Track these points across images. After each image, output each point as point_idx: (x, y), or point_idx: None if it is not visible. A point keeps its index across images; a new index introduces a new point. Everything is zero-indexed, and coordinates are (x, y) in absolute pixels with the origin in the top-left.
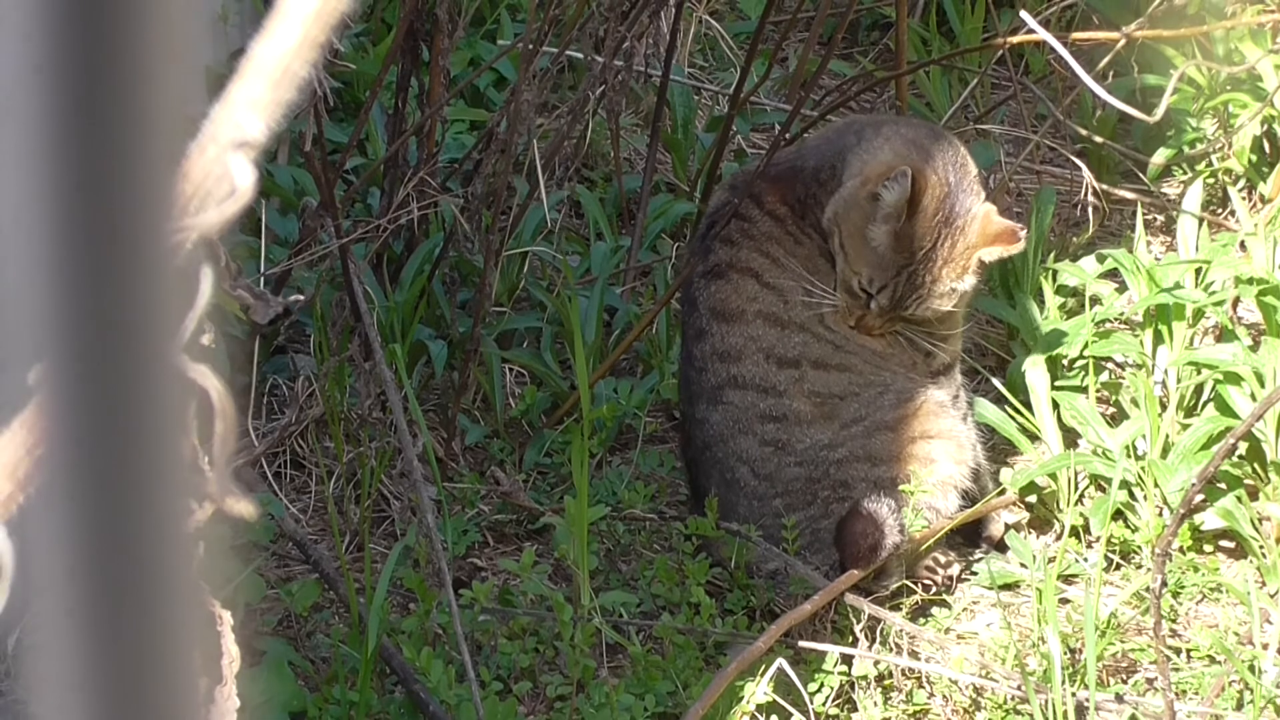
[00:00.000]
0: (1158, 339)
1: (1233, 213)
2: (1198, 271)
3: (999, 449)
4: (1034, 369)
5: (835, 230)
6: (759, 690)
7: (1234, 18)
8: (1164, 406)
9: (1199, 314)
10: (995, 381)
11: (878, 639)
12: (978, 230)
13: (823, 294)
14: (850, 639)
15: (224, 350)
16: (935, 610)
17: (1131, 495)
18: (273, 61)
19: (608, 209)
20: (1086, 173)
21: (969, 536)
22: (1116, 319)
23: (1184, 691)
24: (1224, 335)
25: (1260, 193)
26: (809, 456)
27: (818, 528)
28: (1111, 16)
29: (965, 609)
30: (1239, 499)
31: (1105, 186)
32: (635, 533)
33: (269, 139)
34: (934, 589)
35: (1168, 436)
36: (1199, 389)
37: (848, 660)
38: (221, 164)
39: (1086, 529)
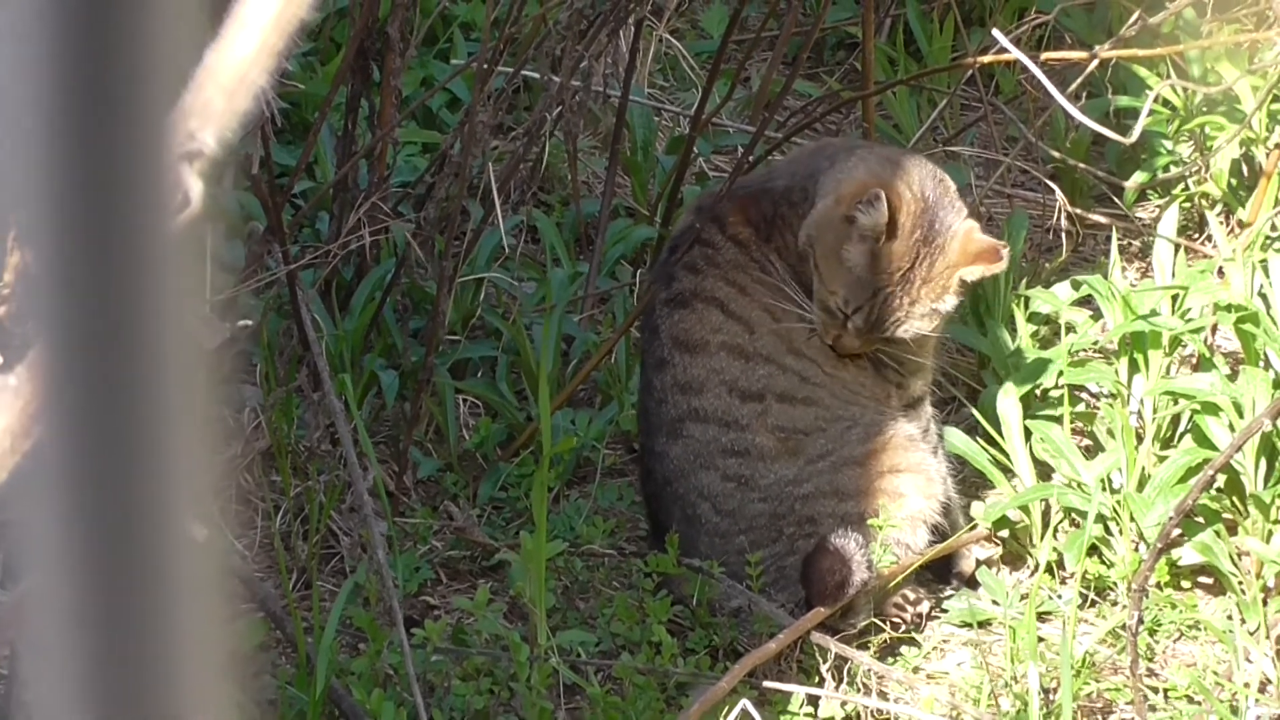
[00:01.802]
0: (1133, 368)
1: (1210, 238)
2: (1174, 298)
3: (970, 482)
4: (1006, 399)
5: (810, 251)
6: None
7: (1210, 37)
8: (1140, 438)
9: (1176, 342)
10: (971, 409)
11: (845, 679)
12: (958, 249)
13: (798, 310)
14: (817, 679)
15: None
16: (904, 649)
17: (1107, 530)
18: (228, 70)
19: (565, 234)
20: (1059, 196)
21: (939, 573)
22: (1091, 347)
23: None
24: (1201, 364)
25: (1238, 217)
26: (773, 492)
27: (783, 565)
28: (1084, 36)
29: (935, 648)
30: (1217, 533)
31: (1079, 210)
32: (594, 569)
33: (221, 153)
34: (903, 627)
35: (1144, 469)
36: (1176, 419)
37: (814, 701)
38: (173, 175)
39: (1060, 564)
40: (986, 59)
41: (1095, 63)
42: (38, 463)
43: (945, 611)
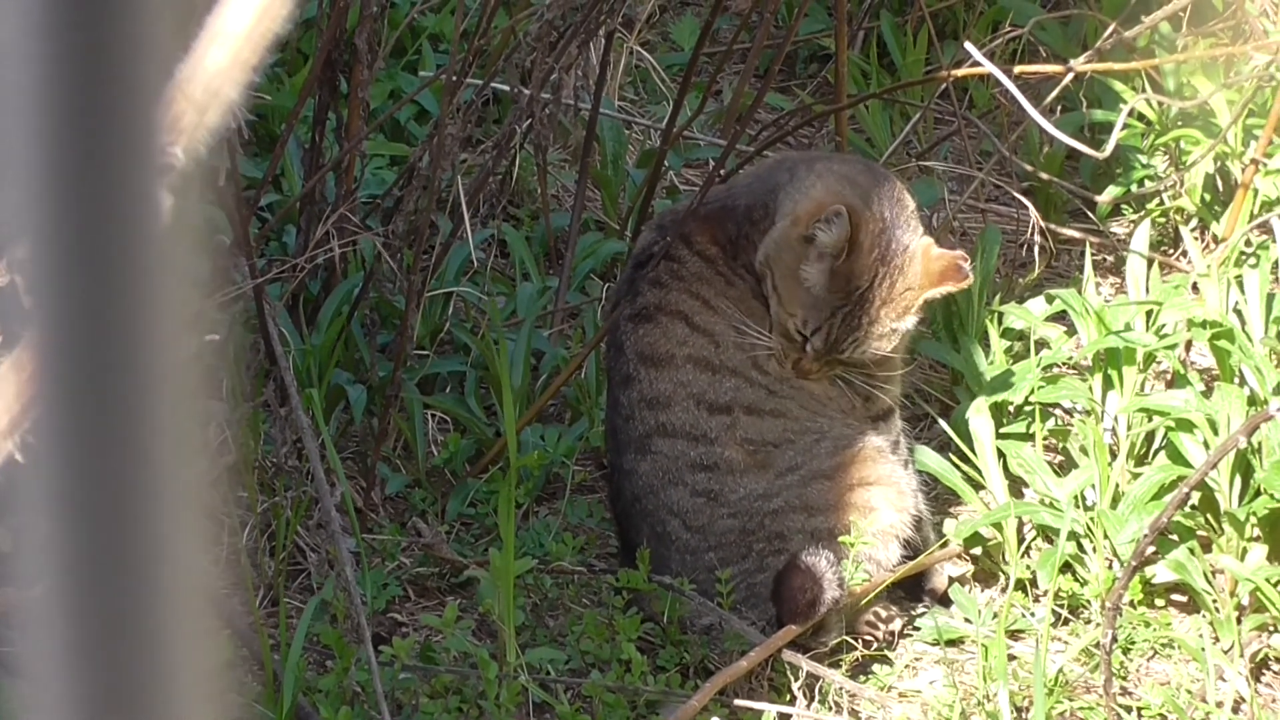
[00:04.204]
0: (1107, 384)
1: (1184, 253)
2: (1149, 314)
3: (942, 499)
4: (978, 416)
5: (768, 273)
6: None
7: (1186, 51)
8: (1114, 455)
9: (1150, 358)
10: (943, 424)
11: (816, 697)
12: (919, 269)
13: (757, 336)
14: (788, 697)
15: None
16: (876, 667)
17: (1080, 547)
18: (199, 84)
19: (534, 248)
20: (1033, 211)
21: (911, 590)
22: (1064, 363)
23: None
24: (1176, 380)
25: (1213, 232)
26: (743, 507)
27: (753, 582)
28: (1059, 49)
29: (907, 666)
30: (1191, 551)
31: (1053, 225)
32: (563, 586)
33: (193, 166)
34: (875, 645)
35: (1118, 486)
36: (1150, 436)
37: (786, 719)
38: (151, 186)
39: (1033, 582)
40: (960, 72)
41: (1070, 76)
42: (25, 468)
43: (917, 629)
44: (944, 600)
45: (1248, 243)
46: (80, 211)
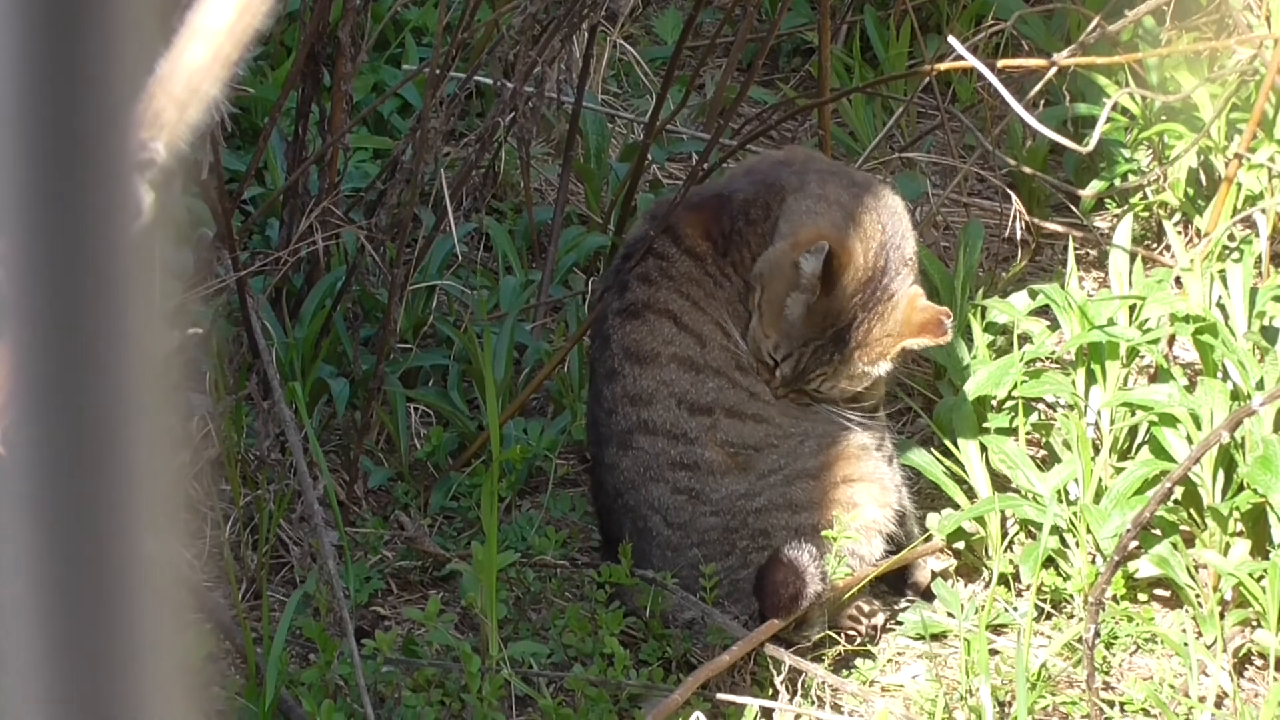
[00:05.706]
0: (1090, 379)
1: (1168, 247)
2: (1132, 308)
3: (925, 493)
4: (961, 410)
5: (758, 288)
6: None
7: (1169, 45)
8: (1097, 449)
9: (1133, 353)
10: (925, 419)
11: (799, 691)
12: (901, 318)
13: (736, 344)
14: (770, 691)
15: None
16: (859, 661)
17: (1063, 542)
18: (180, 80)
19: (517, 241)
20: (1016, 205)
21: (894, 585)
22: (1047, 358)
23: None
24: (1159, 375)
25: (1196, 227)
26: (725, 506)
27: (736, 578)
28: (1042, 43)
29: (890, 660)
30: (1174, 546)
31: (1036, 219)
32: (546, 580)
33: (174, 162)
34: (857, 639)
35: (1101, 480)
36: (1133, 431)
37: (768, 713)
38: (128, 184)
39: (1016, 577)
40: (943, 66)
41: (1053, 70)
42: (3, 462)
43: (900, 624)
44: (927, 595)
45: (1231, 237)
46: (59, 206)
